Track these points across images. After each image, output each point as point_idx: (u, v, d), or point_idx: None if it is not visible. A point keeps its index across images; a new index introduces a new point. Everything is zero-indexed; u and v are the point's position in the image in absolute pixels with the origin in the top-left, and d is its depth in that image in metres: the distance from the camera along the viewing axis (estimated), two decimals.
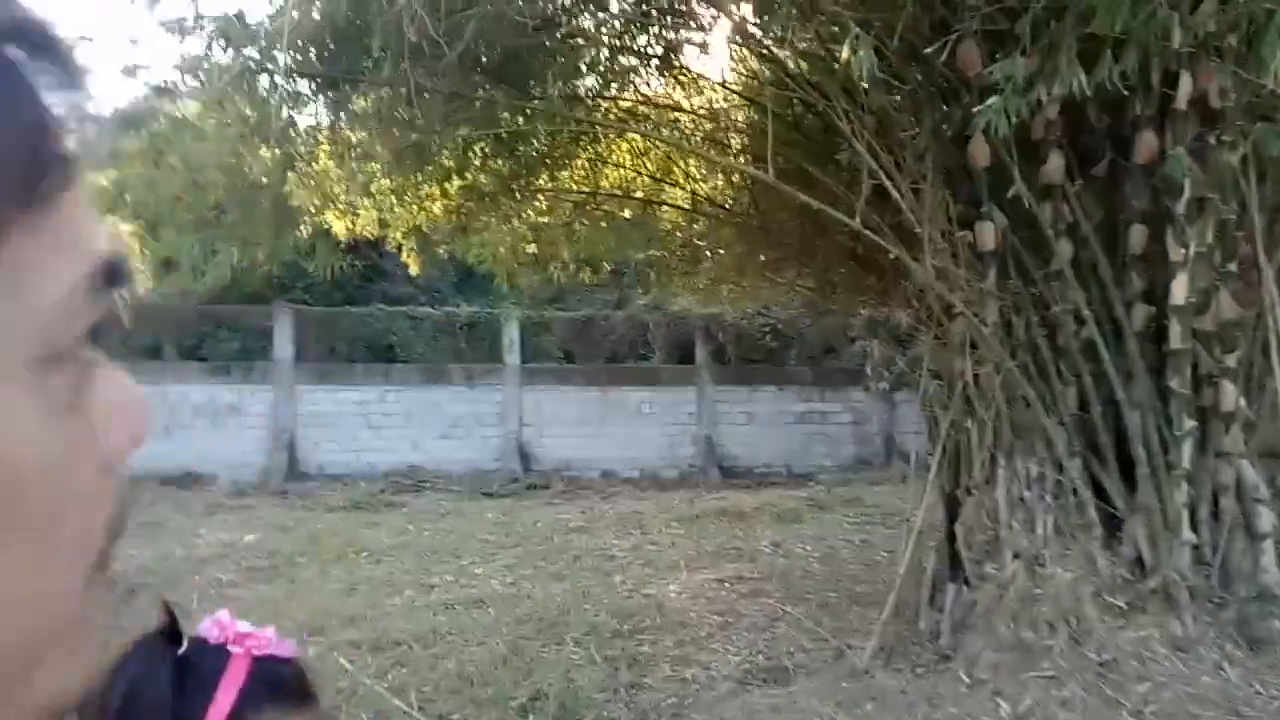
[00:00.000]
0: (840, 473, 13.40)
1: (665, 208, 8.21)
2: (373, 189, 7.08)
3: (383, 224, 7.62)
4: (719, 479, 13.58)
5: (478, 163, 6.96)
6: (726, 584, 6.80)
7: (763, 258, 6.62)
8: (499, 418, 13.63)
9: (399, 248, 7.68)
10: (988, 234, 4.62)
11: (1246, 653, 3.89)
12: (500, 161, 6.97)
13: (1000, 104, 3.63)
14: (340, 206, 7.04)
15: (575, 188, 7.96)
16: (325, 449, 12.99)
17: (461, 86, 5.42)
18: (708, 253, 7.62)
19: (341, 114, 5.52)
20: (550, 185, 7.71)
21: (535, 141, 6.85)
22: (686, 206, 7.84)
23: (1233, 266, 4.16)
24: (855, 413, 14.29)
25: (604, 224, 8.22)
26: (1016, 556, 4.34)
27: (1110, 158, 4.49)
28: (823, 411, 14.36)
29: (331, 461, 12.89)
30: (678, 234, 8.37)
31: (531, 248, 8.10)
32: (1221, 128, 4.05)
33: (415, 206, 7.50)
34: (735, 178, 6.75)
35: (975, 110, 3.77)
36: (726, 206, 6.99)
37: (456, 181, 7.16)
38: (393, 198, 7.31)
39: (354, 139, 6.28)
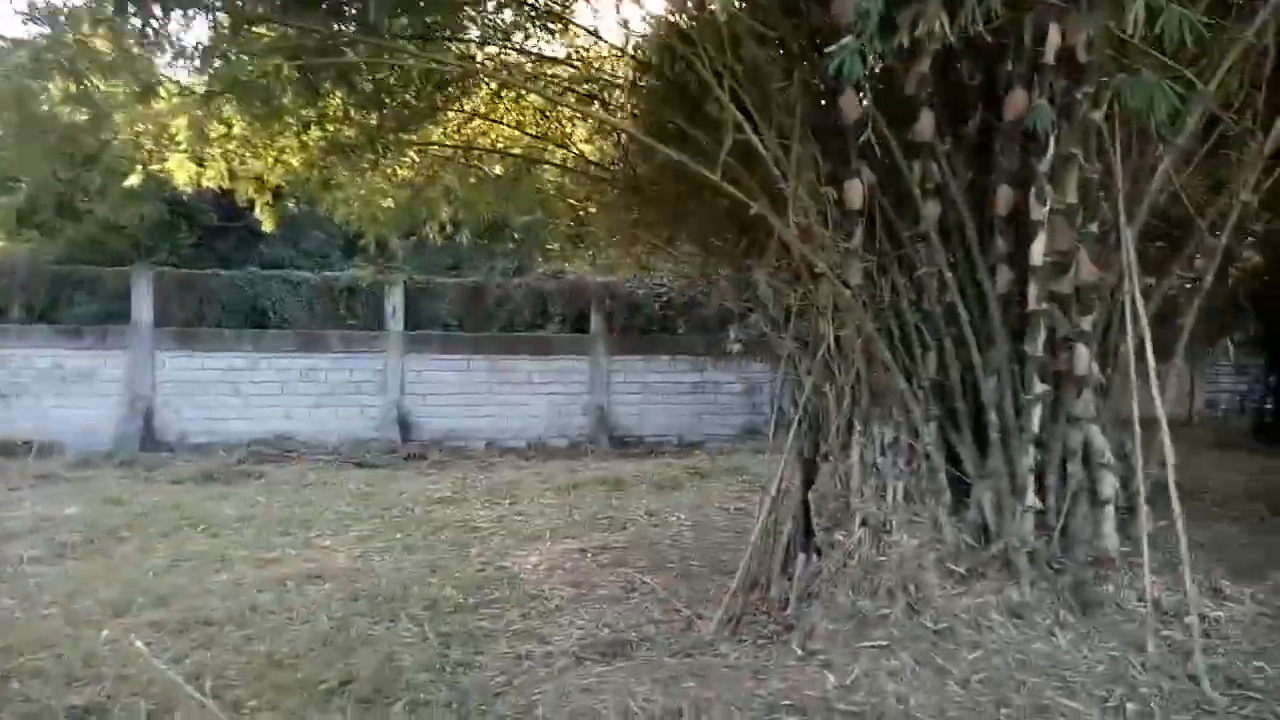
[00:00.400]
0: (730, 441, 13.33)
1: (546, 168, 7.80)
2: (211, 134, 6.50)
3: (232, 175, 7.03)
4: (609, 449, 13.37)
5: (339, 113, 6.45)
6: (589, 554, 6.54)
7: (636, 218, 6.29)
8: (379, 386, 13.07)
9: (251, 204, 7.08)
10: (855, 192, 4.39)
11: (1079, 617, 3.81)
12: (366, 113, 6.45)
13: (855, 45, 3.37)
14: (174, 152, 6.43)
15: (448, 143, 7.47)
16: (187, 418, 12.21)
17: (288, 17, 4.92)
18: (581, 215, 7.26)
19: (148, 41, 4.93)
20: (421, 140, 7.21)
21: (401, 93, 6.37)
22: (567, 165, 7.45)
23: (1094, 227, 4.03)
24: (748, 382, 14.24)
25: (475, 181, 7.78)
26: (865, 523, 4.18)
27: (981, 116, 4.32)
28: (715, 381, 14.26)
29: (194, 431, 12.13)
30: (556, 196, 7.99)
31: (389, 204, 7.58)
32: (1086, 80, 3.91)
33: (270, 158, 6.93)
34: (620, 138, 6.40)
35: (828, 50, 3.50)
36: (610, 166, 6.64)
37: (315, 132, 6.63)
38: (238, 146, 6.74)
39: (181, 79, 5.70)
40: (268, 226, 7.15)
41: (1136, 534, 4.10)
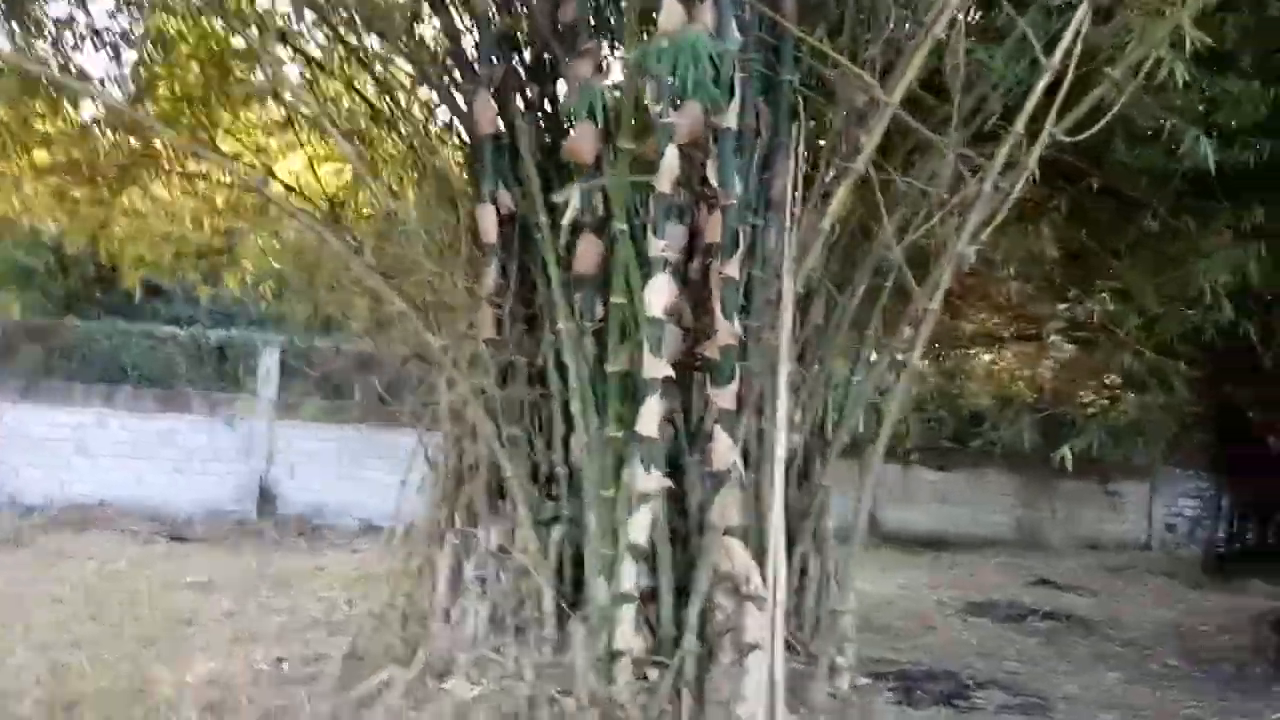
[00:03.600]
0: None
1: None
2: None
3: None
4: None
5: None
6: (288, 664, 5.35)
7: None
8: (243, 454, 12.03)
9: None
10: (487, 220, 3.44)
11: None
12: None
13: None
14: None
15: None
16: (25, 476, 11.18)
17: None
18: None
19: None
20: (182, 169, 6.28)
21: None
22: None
23: (732, 271, 2.99)
24: None
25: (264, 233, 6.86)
26: (425, 660, 3.05)
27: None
28: None
29: (31, 491, 11.08)
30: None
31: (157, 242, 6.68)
32: None
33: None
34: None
35: None
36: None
37: (41, 154, 5.77)
38: None
39: None
40: None
41: (810, 698, 2.95)
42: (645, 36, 2.65)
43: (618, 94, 3.01)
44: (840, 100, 3.13)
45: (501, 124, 3.40)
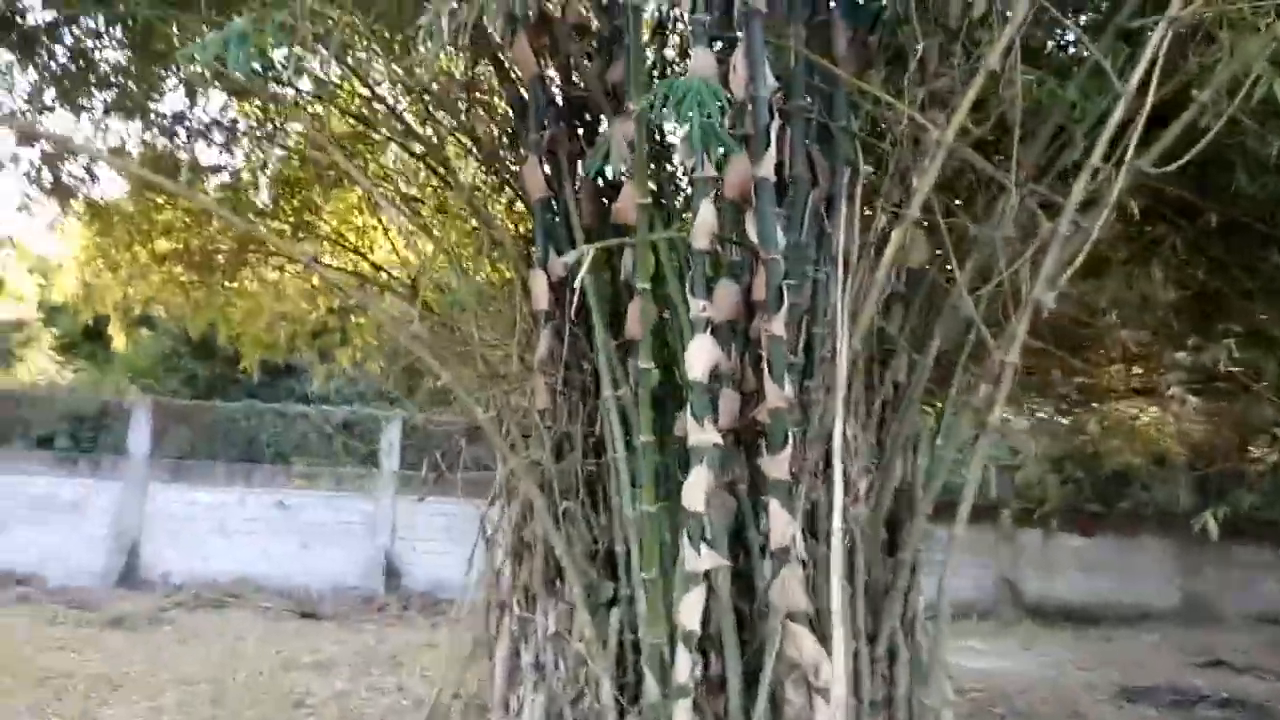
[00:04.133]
0: None
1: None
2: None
3: (87, 291, 6.77)
4: None
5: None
6: None
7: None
8: (368, 529, 12.39)
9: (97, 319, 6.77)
10: (539, 287, 3.38)
11: None
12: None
13: None
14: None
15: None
16: (170, 554, 11.86)
17: None
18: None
19: None
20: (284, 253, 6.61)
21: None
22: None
23: (777, 328, 2.79)
24: None
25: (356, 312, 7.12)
26: None
27: None
28: None
29: (176, 569, 11.70)
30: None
31: (272, 325, 7.02)
32: None
33: (123, 273, 6.59)
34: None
35: None
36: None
37: (162, 243, 6.25)
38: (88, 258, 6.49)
39: None
40: (120, 345, 6.76)
41: None
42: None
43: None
44: (898, 143, 2.92)
45: (554, 188, 3.35)
